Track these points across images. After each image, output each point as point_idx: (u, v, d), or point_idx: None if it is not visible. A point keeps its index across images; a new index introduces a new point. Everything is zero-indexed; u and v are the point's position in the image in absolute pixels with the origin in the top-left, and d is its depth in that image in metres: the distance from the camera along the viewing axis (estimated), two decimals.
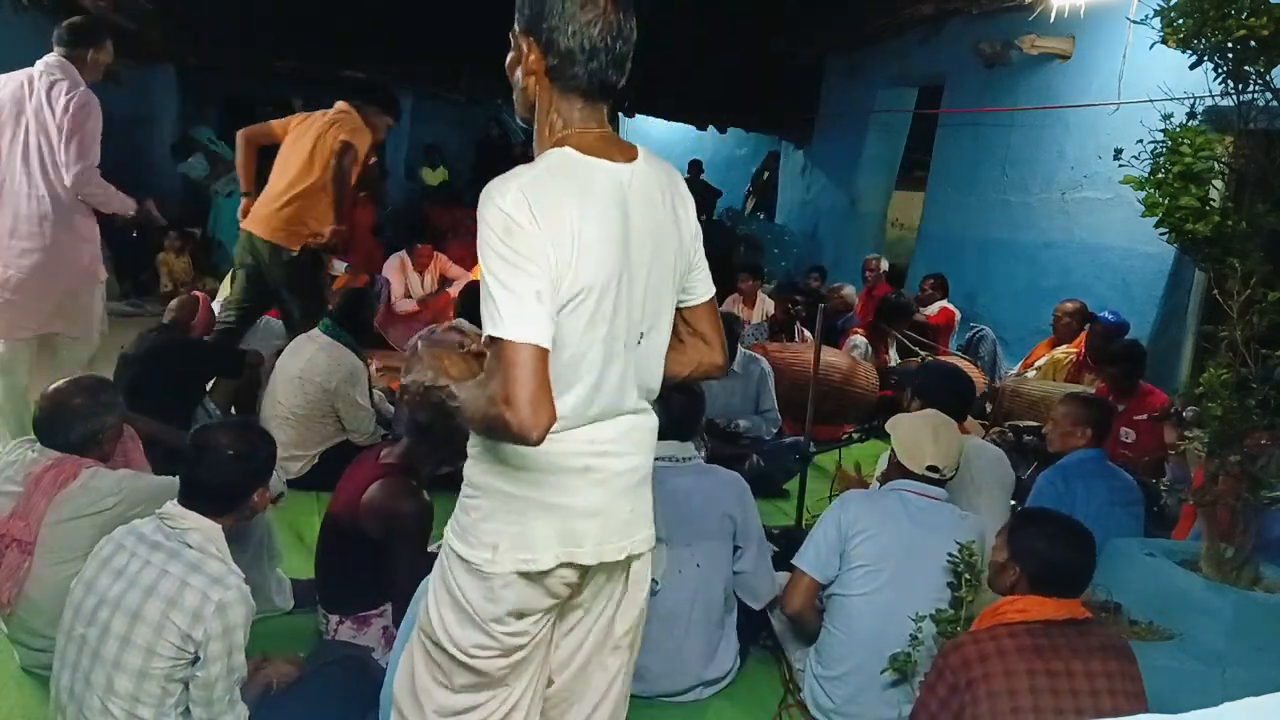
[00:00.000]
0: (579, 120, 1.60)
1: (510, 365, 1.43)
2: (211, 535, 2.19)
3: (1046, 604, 2.12)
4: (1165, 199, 2.75)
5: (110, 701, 2.03)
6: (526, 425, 1.42)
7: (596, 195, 1.55)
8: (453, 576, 1.67)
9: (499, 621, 1.64)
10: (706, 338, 1.82)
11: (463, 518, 1.67)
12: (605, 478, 1.65)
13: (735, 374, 4.95)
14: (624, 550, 1.69)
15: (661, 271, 1.67)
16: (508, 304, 1.45)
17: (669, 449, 2.95)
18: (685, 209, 1.74)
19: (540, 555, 1.61)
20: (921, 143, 9.14)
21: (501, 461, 1.61)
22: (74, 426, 2.66)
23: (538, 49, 1.58)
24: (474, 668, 1.67)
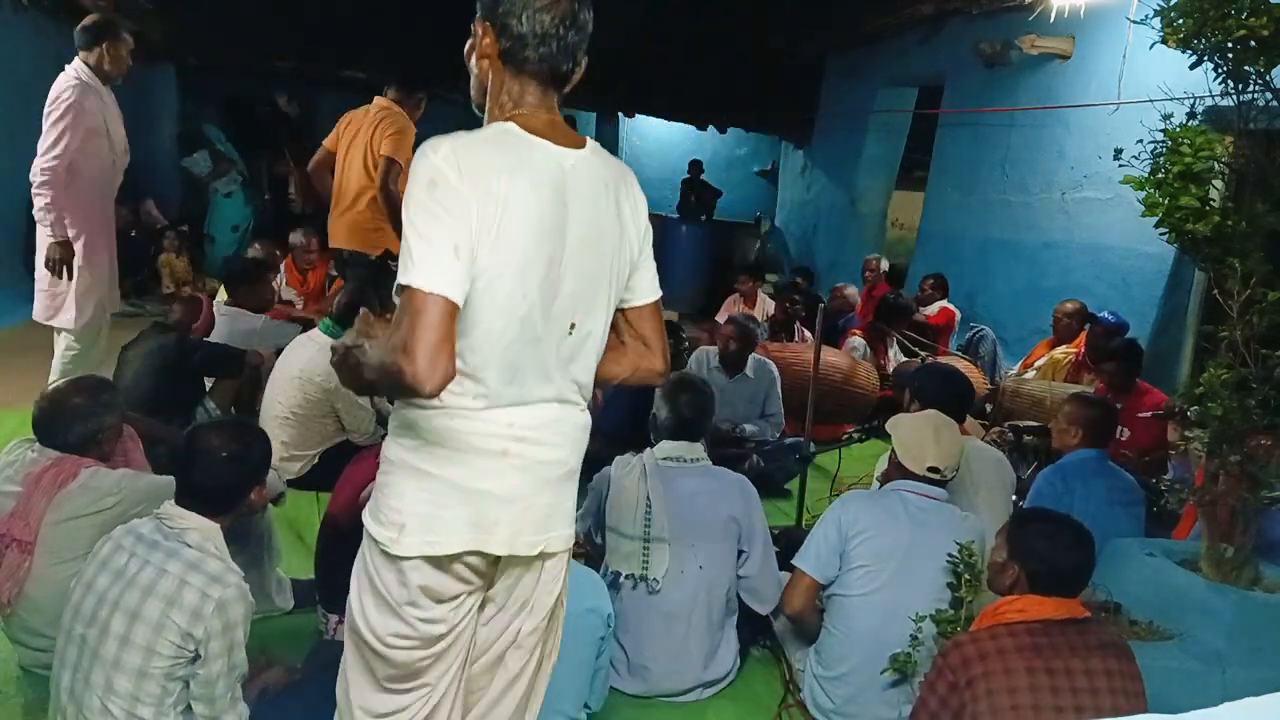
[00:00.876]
0: (529, 104, 1.61)
1: (415, 314, 1.41)
2: (209, 534, 2.19)
3: (1046, 604, 2.12)
4: (1165, 199, 2.75)
5: (110, 701, 2.04)
6: (421, 375, 1.40)
7: (531, 172, 1.54)
8: (369, 559, 1.65)
9: (413, 605, 1.61)
10: (648, 341, 1.78)
11: (377, 495, 1.65)
12: (524, 464, 1.61)
13: (746, 378, 4.96)
14: (537, 545, 1.66)
15: (598, 263, 1.64)
16: (421, 252, 1.43)
17: (677, 449, 2.95)
18: (633, 207, 1.72)
19: (446, 538, 1.58)
20: (921, 143, 9.14)
21: (416, 437, 1.58)
22: (73, 426, 2.66)
23: (492, 32, 1.60)
24: (392, 659, 1.64)
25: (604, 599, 2.50)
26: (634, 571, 2.83)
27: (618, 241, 1.67)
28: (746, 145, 13.73)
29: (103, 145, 4.18)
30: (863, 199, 9.72)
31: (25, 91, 5.74)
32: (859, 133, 9.61)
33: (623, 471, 2.94)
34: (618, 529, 2.87)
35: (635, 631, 2.83)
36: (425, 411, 1.56)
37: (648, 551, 2.82)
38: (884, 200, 9.89)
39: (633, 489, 2.88)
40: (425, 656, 1.65)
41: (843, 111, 10.02)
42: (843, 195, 9.96)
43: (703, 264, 10.02)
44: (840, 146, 10.07)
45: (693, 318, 8.78)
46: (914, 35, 8.54)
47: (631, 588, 2.83)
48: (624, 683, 2.85)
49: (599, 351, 1.71)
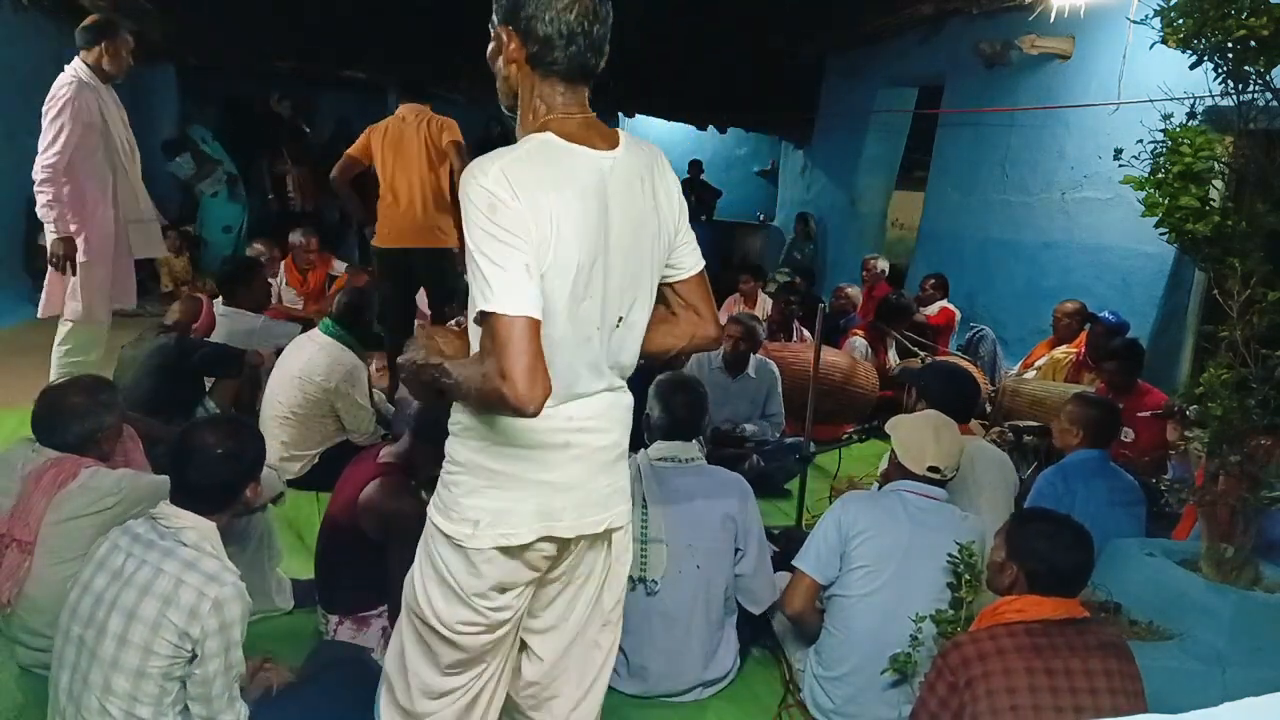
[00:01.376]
0: (561, 105, 1.64)
1: (505, 339, 1.46)
2: (206, 533, 2.19)
3: (1045, 604, 2.12)
4: (1165, 199, 2.75)
5: (108, 701, 2.04)
6: (524, 398, 1.45)
7: (575, 182, 1.58)
8: (437, 552, 1.72)
9: (482, 596, 1.69)
10: (699, 310, 1.85)
11: (444, 494, 1.71)
12: (584, 453, 1.69)
13: (749, 377, 4.96)
14: (603, 523, 1.76)
15: (640, 257, 1.71)
16: (498, 279, 1.48)
17: (672, 449, 2.95)
18: (666, 190, 1.77)
19: (519, 529, 1.66)
20: (921, 143, 9.14)
21: (485, 438, 1.65)
22: (72, 426, 2.66)
23: (517, 38, 1.62)
24: (460, 644, 1.73)
25: None
26: (632, 574, 2.82)
27: (656, 230, 1.73)
28: (746, 145, 13.73)
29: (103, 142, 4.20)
30: (863, 199, 9.72)
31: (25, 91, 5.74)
32: (859, 133, 9.61)
33: None
34: None
35: (634, 632, 2.82)
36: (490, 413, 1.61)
37: (645, 553, 2.82)
38: (884, 200, 9.89)
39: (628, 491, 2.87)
40: (489, 641, 1.74)
41: (843, 111, 10.02)
42: (843, 195, 9.96)
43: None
44: (840, 146, 10.07)
45: None
46: (914, 35, 8.54)
47: (630, 590, 2.83)
48: (623, 683, 2.84)
49: (642, 334, 1.78)
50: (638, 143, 1.74)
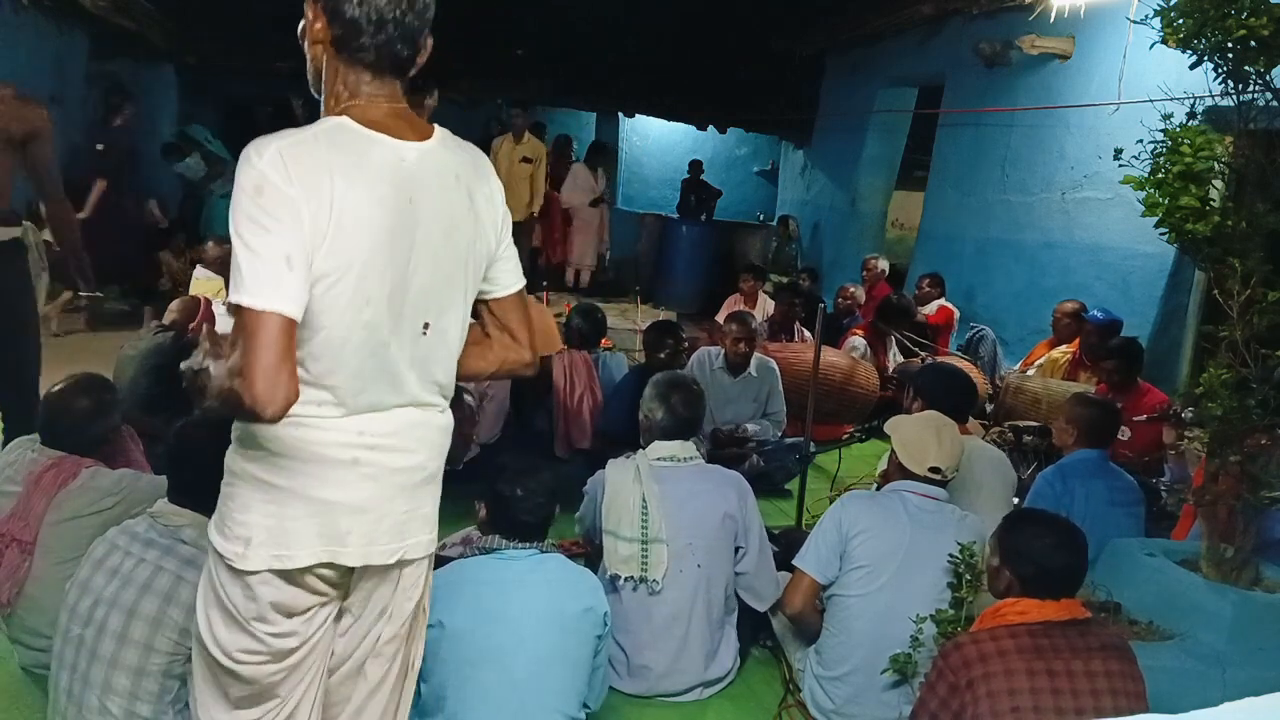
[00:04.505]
0: (366, 93, 1.52)
1: (249, 335, 1.34)
2: (205, 530, 2.18)
3: (1046, 606, 2.12)
4: (1165, 199, 2.75)
5: (108, 700, 2.04)
6: (261, 400, 1.33)
7: (367, 170, 1.45)
8: (214, 573, 1.57)
9: (261, 620, 1.53)
10: (514, 333, 1.71)
11: (221, 508, 1.57)
12: (376, 472, 1.54)
13: (751, 377, 4.95)
14: (395, 553, 1.59)
15: (451, 258, 1.57)
16: (251, 267, 1.35)
17: (670, 449, 2.95)
18: (487, 196, 1.63)
19: (295, 551, 1.51)
20: (921, 143, 9.13)
21: (260, 447, 1.50)
22: (79, 429, 2.67)
23: (324, 17, 1.50)
24: (242, 675, 1.56)
25: (599, 598, 2.49)
26: (633, 573, 2.83)
27: (472, 234, 1.59)
28: (746, 145, 13.72)
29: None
30: (863, 199, 9.71)
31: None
32: (859, 133, 9.60)
33: (618, 473, 2.94)
34: (615, 532, 2.87)
35: (635, 632, 2.83)
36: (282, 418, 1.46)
37: (646, 552, 2.82)
38: (884, 200, 9.88)
39: (628, 491, 2.87)
40: (277, 671, 1.58)
41: (843, 111, 10.02)
42: (843, 195, 9.95)
43: (703, 264, 10.01)
44: (840, 146, 10.06)
45: (693, 318, 8.77)
46: (914, 35, 8.53)
47: (632, 589, 2.83)
48: (624, 683, 2.85)
49: (457, 349, 1.64)
50: (458, 142, 1.62)
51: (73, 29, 7.70)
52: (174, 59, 9.98)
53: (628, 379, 4.55)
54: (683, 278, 10.05)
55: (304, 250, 1.38)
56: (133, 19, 8.05)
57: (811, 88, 10.72)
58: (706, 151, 12.80)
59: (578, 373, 4.54)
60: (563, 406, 4.50)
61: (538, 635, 2.34)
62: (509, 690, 2.31)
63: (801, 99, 10.75)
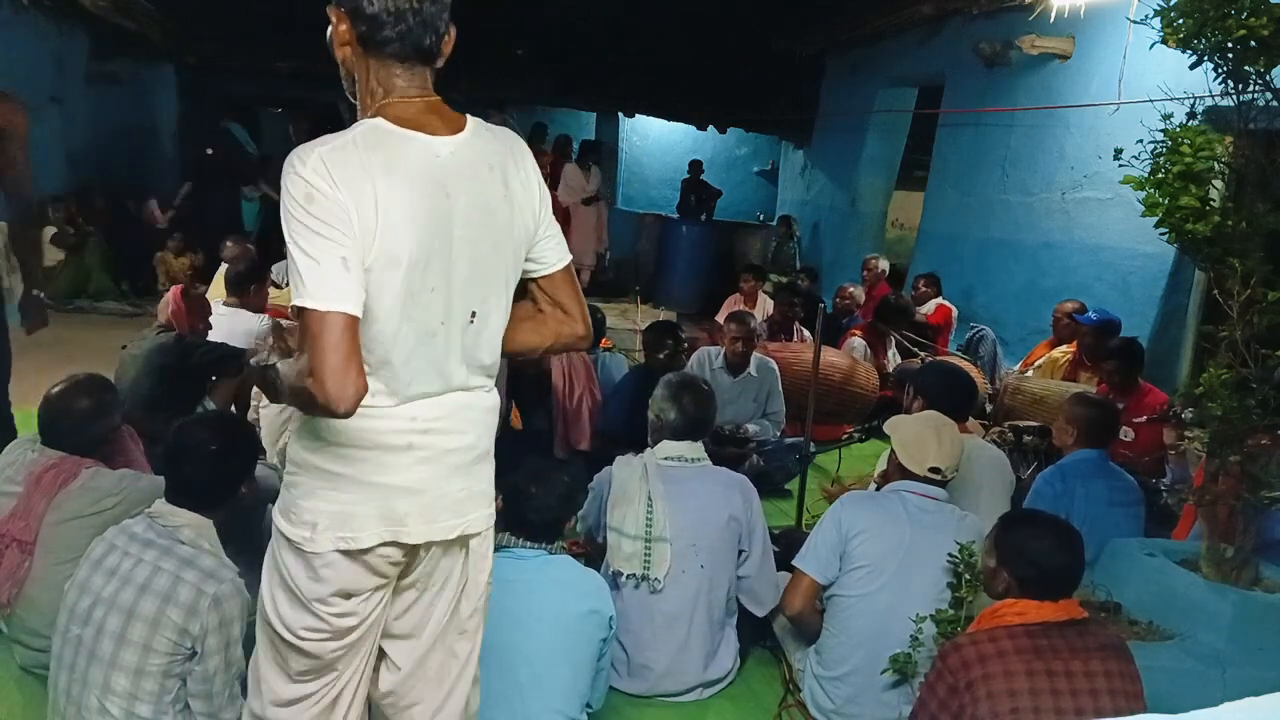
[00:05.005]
0: (399, 89, 1.56)
1: (315, 336, 1.41)
2: (203, 530, 2.19)
3: (1045, 607, 2.12)
4: (1165, 199, 2.75)
5: (108, 700, 2.04)
6: (333, 397, 1.40)
7: (405, 168, 1.50)
8: (280, 556, 1.64)
9: (324, 602, 1.61)
10: (566, 307, 1.76)
11: (285, 495, 1.64)
12: (431, 455, 1.61)
13: (751, 376, 4.96)
14: (456, 529, 1.67)
15: (491, 248, 1.62)
16: (311, 273, 1.42)
17: (678, 449, 2.96)
18: (524, 180, 1.67)
19: (359, 534, 1.58)
20: (921, 143, 9.13)
21: (319, 438, 1.57)
22: (80, 429, 2.67)
23: (346, 18, 1.54)
24: (306, 650, 1.65)
25: (606, 601, 2.50)
26: (636, 571, 2.83)
27: (509, 220, 1.64)
28: (746, 145, 13.73)
29: None
30: (863, 199, 9.71)
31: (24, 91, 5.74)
32: (859, 133, 9.60)
33: (624, 471, 2.95)
34: (620, 529, 2.87)
35: (636, 631, 2.83)
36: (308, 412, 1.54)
37: (649, 551, 2.82)
38: (884, 200, 9.88)
39: (635, 489, 2.88)
40: (338, 648, 1.66)
41: (843, 111, 10.02)
42: (843, 195, 9.95)
43: (703, 264, 10.01)
44: (840, 146, 10.06)
45: (693, 318, 8.78)
46: (914, 35, 8.53)
47: (634, 588, 2.83)
48: (624, 682, 2.85)
49: (500, 332, 1.70)
50: (489, 129, 1.65)
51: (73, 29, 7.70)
52: (174, 59, 9.99)
53: (627, 379, 4.55)
54: (683, 278, 10.05)
55: (357, 250, 1.45)
56: (133, 19, 8.06)
57: (811, 88, 10.72)
58: (706, 151, 12.80)
59: (576, 373, 4.54)
60: (562, 407, 4.50)
61: (542, 636, 2.35)
62: (511, 689, 2.31)
63: (801, 99, 10.75)
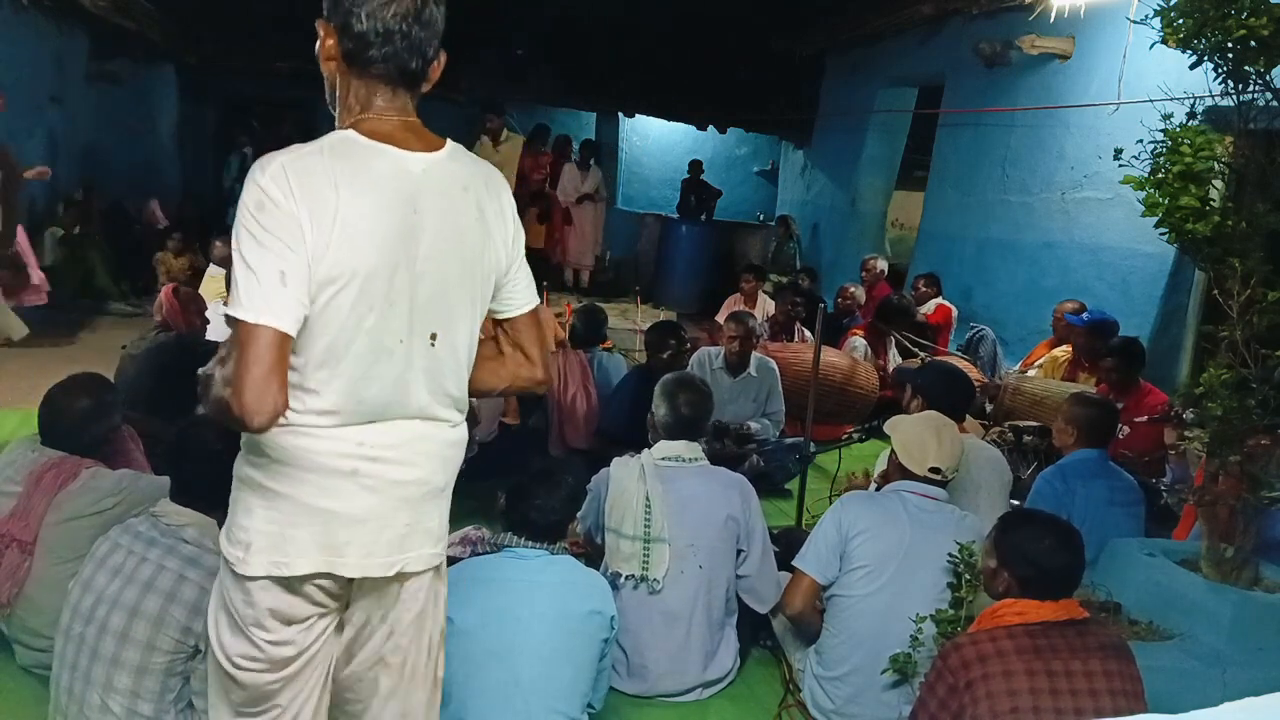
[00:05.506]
0: (377, 107, 1.54)
1: (241, 347, 1.39)
2: (207, 529, 2.19)
3: (1044, 607, 2.12)
4: (1165, 199, 2.76)
5: (110, 698, 2.04)
6: (248, 410, 1.38)
7: (370, 180, 1.47)
8: (221, 575, 1.61)
9: (260, 627, 1.55)
10: (526, 352, 1.72)
11: (230, 512, 1.60)
12: (377, 484, 1.55)
13: (750, 376, 4.97)
14: (394, 565, 1.59)
15: (459, 271, 1.57)
16: (248, 283, 1.40)
17: (675, 449, 2.96)
18: (498, 210, 1.63)
19: (293, 559, 1.52)
20: (921, 143, 9.13)
21: (263, 454, 1.52)
22: (79, 429, 2.67)
23: (334, 33, 1.53)
24: (241, 681, 1.59)
25: (608, 601, 2.50)
26: (634, 572, 2.83)
27: (480, 245, 1.60)
28: (746, 145, 13.73)
29: None
30: (863, 199, 9.71)
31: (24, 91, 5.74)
32: (859, 133, 9.61)
33: (622, 472, 2.95)
34: (618, 530, 2.87)
35: (635, 632, 2.83)
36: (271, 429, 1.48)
37: (648, 552, 2.82)
38: (884, 200, 9.89)
39: (632, 489, 2.88)
40: (275, 680, 1.59)
41: (843, 111, 10.02)
42: (843, 195, 9.96)
43: (703, 264, 10.02)
44: (840, 146, 10.07)
45: (693, 318, 8.78)
46: (914, 35, 8.54)
47: (632, 588, 2.84)
48: (624, 683, 2.85)
49: (468, 360, 1.65)
50: (470, 156, 1.63)
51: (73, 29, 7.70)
52: (174, 59, 9.99)
53: (627, 379, 4.56)
54: (683, 278, 10.05)
55: (302, 265, 1.41)
56: (133, 19, 8.05)
57: (811, 88, 10.72)
58: (706, 151, 12.81)
59: (571, 373, 4.55)
60: (557, 405, 4.52)
61: (544, 636, 2.35)
62: (513, 689, 2.31)
63: (801, 99, 10.75)
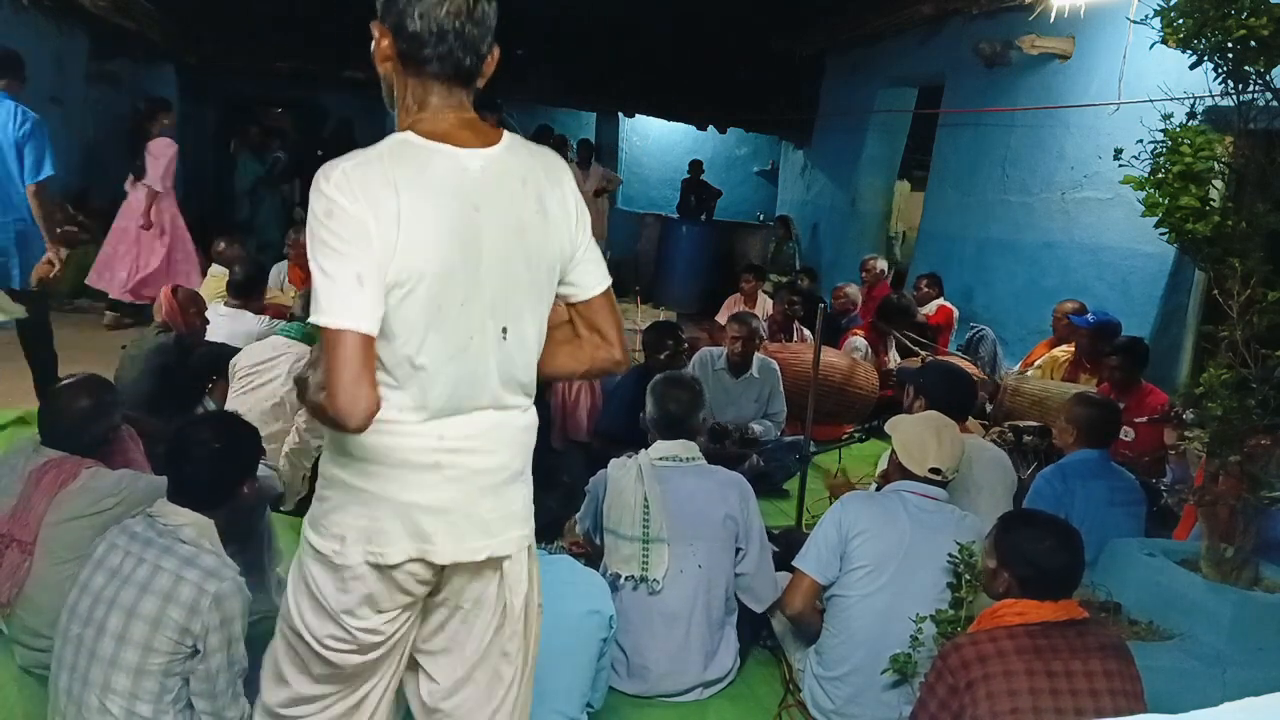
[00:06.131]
0: (434, 106, 1.57)
1: (329, 352, 1.43)
2: (204, 529, 2.19)
3: (1044, 607, 2.12)
4: (1165, 199, 2.75)
5: (108, 700, 2.04)
6: (343, 413, 1.42)
7: (430, 181, 1.50)
8: (307, 568, 1.66)
9: (350, 614, 1.62)
10: (603, 333, 1.74)
11: (315, 508, 1.66)
12: (459, 475, 1.60)
13: (753, 378, 4.97)
14: (485, 550, 1.64)
15: (524, 263, 1.60)
16: (327, 290, 1.43)
17: (672, 449, 2.96)
18: (560, 198, 1.65)
19: (388, 549, 1.58)
20: (922, 143, 9.13)
21: (346, 454, 1.58)
22: (79, 429, 2.67)
23: (389, 34, 1.55)
24: (328, 659, 1.65)
25: (606, 601, 2.50)
26: (634, 573, 2.83)
27: (543, 237, 1.62)
28: (746, 145, 13.73)
29: None
30: (863, 199, 9.72)
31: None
32: (859, 133, 9.61)
33: (620, 473, 2.94)
34: (616, 530, 2.87)
35: (635, 632, 2.83)
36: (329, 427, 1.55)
37: (647, 552, 2.82)
38: (884, 200, 9.89)
39: (630, 490, 2.88)
40: (361, 662, 1.67)
41: (843, 111, 10.02)
42: (843, 195, 9.96)
43: (703, 264, 10.02)
44: (840, 146, 10.07)
45: (693, 318, 8.78)
46: (914, 35, 8.54)
47: (632, 589, 2.84)
48: (624, 683, 2.85)
49: (538, 349, 1.68)
50: (528, 146, 1.65)
51: (73, 29, 7.70)
52: (174, 59, 9.99)
53: (626, 379, 4.55)
54: (683, 278, 10.05)
55: (376, 267, 1.45)
56: (133, 19, 8.06)
57: (811, 88, 10.72)
58: (706, 151, 12.81)
59: None
60: (560, 398, 4.55)
61: (543, 636, 2.34)
62: None
63: (801, 99, 10.75)
